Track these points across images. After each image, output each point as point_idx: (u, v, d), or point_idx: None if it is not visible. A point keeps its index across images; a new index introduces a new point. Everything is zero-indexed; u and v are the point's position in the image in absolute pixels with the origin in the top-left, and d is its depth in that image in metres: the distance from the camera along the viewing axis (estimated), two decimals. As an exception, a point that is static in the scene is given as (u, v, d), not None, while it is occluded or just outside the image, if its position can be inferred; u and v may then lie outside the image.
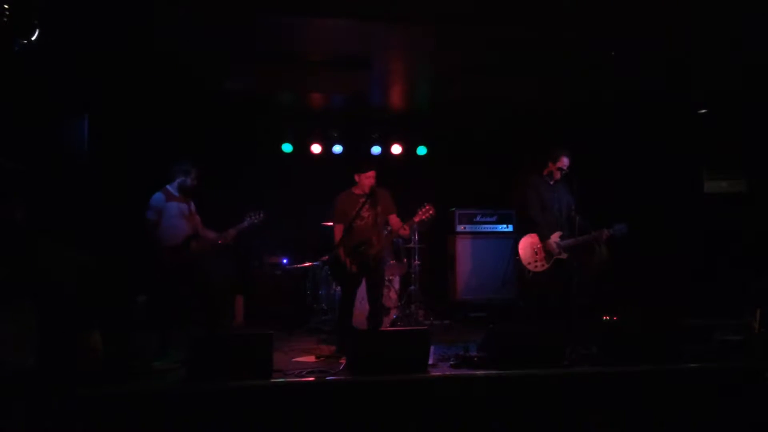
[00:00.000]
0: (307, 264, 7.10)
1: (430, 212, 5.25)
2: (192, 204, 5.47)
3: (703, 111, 6.99)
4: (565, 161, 5.65)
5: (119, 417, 3.70)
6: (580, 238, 5.52)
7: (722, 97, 6.57)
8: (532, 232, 5.65)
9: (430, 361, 4.58)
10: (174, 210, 5.29)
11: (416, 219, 5.24)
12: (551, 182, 5.73)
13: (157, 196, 5.29)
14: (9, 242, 2.52)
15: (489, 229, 7.76)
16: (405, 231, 5.32)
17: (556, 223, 5.63)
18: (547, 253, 5.57)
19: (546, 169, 5.76)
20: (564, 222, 5.66)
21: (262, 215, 5.54)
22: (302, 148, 7.82)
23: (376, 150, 7.95)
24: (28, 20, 4.05)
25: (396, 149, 8.00)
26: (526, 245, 5.66)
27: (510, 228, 7.74)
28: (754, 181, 7.38)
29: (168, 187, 5.38)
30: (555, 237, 5.60)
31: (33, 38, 4.07)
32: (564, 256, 5.55)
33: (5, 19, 3.90)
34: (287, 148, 7.80)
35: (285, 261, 7.44)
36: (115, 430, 3.66)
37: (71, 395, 2.45)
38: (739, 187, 7.45)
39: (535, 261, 5.60)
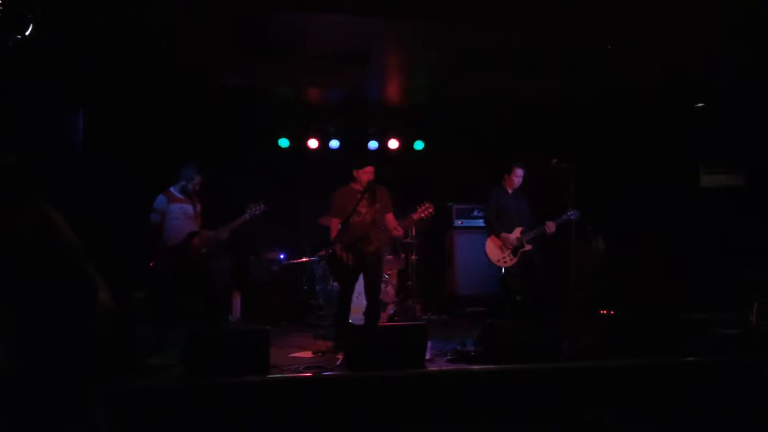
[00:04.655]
0: (304, 259, 7.09)
1: (429, 210, 5.23)
2: (198, 205, 5.48)
3: (700, 105, 6.97)
4: (519, 172, 6.10)
5: (116, 413, 3.70)
6: (536, 229, 5.93)
7: (721, 90, 6.55)
8: (491, 234, 6.10)
9: (427, 356, 4.58)
10: (177, 211, 5.35)
11: (415, 217, 5.21)
12: (510, 191, 6.16)
13: (160, 199, 5.34)
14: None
15: (486, 224, 7.74)
16: (398, 232, 5.35)
17: (515, 224, 6.03)
18: (512, 247, 5.96)
19: (505, 179, 6.19)
20: (524, 223, 6.07)
21: (262, 206, 5.56)
22: (299, 143, 7.78)
23: (373, 145, 7.89)
24: (21, 15, 4.03)
25: (393, 144, 7.95)
26: (492, 246, 6.08)
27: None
28: (752, 175, 7.39)
29: (171, 188, 5.42)
30: (516, 232, 6.00)
31: (27, 33, 4.04)
32: (528, 247, 5.96)
33: (-2, 14, 3.88)
34: (284, 143, 7.75)
35: (282, 256, 7.41)
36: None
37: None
38: (737, 180, 7.45)
39: (503, 257, 6.00)
